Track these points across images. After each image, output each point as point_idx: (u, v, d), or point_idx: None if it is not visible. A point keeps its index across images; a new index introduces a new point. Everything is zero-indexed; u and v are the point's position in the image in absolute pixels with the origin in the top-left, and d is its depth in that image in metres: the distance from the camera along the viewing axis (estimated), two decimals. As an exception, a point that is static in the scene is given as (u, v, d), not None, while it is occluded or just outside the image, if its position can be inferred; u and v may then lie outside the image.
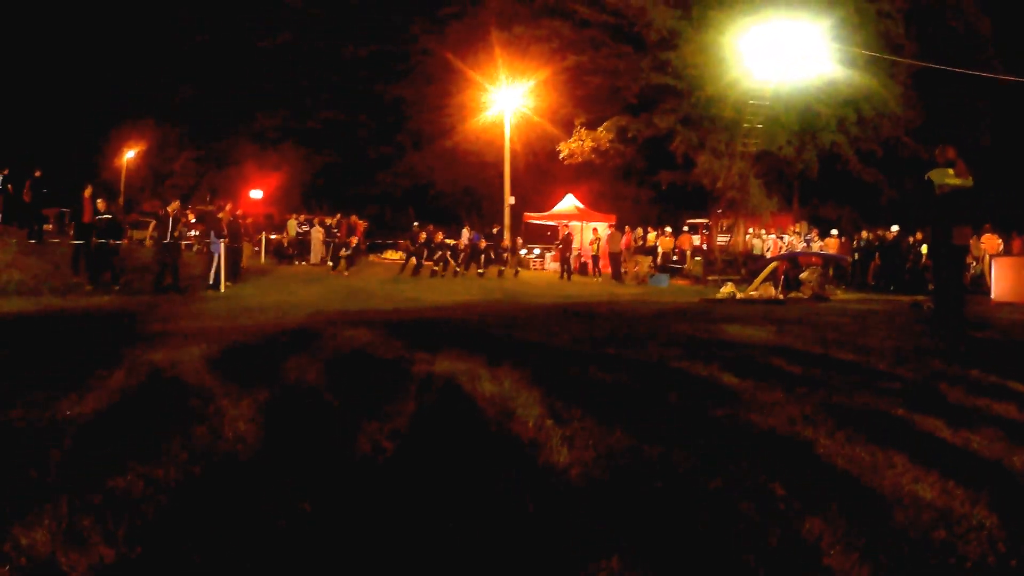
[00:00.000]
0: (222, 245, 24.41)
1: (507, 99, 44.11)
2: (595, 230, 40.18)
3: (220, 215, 26.73)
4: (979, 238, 29.60)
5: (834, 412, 6.44)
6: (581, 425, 5.94)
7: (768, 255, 35.63)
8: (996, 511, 4.38)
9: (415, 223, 37.15)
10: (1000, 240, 30.78)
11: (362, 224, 41.89)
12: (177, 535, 4.05)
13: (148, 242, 24.15)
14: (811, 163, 41.71)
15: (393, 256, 43.62)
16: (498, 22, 43.93)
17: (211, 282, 24.03)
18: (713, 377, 8.01)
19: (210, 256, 24.78)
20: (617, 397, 7.15)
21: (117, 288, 22.35)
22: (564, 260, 37.22)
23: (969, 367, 8.68)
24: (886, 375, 8.36)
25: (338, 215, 40.29)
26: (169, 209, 24.16)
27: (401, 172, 58.07)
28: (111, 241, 23.07)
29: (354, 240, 32.67)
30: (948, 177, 12.48)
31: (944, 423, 6.13)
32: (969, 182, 12.50)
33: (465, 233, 41.05)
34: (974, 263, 26.68)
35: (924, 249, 29.43)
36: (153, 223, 23.94)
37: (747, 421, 6.25)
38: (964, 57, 39.85)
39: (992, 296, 20.95)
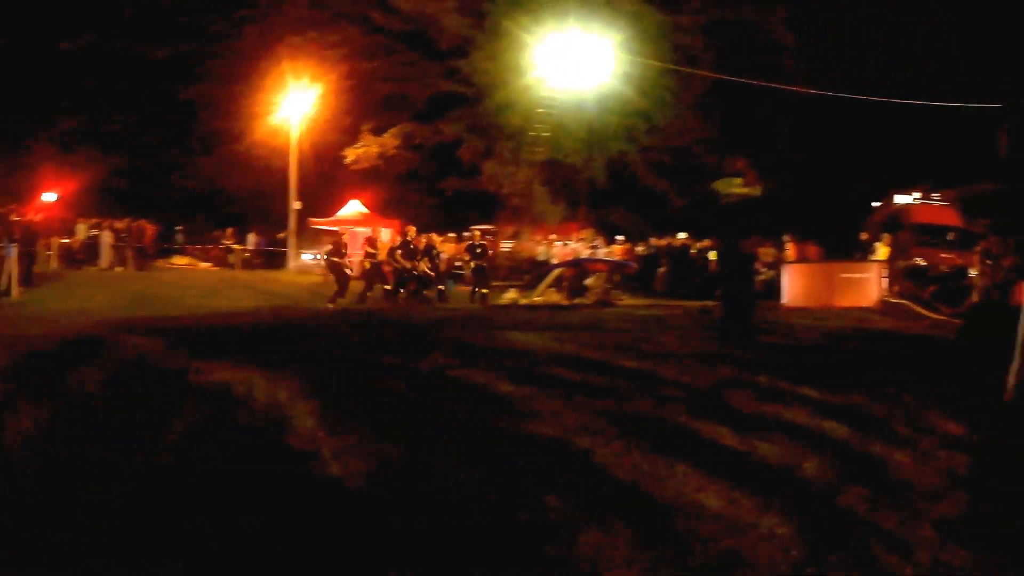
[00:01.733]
0: (15, 250, 23.11)
1: (297, 104, 43.79)
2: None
3: (13, 218, 25.34)
4: (781, 246, 30.65)
5: (615, 420, 6.27)
6: (357, 436, 5.70)
7: (552, 261, 35.92)
8: (788, 519, 4.26)
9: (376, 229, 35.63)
10: (796, 247, 31.89)
11: (151, 228, 40.82)
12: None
13: None
14: (598, 171, 42.54)
15: (181, 261, 43.19)
16: (293, 27, 43.73)
17: (3, 289, 22.63)
18: (492, 386, 7.78)
19: (0, 261, 23.34)
20: (395, 407, 6.93)
21: None
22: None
23: (757, 373, 8.68)
24: (670, 382, 8.28)
25: (127, 219, 39.11)
26: None
27: (192, 176, 56.85)
28: None
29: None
30: (735, 187, 12.66)
31: (730, 430, 6.02)
32: (757, 191, 12.70)
33: (252, 237, 40.59)
34: (765, 270, 27.47)
35: (712, 256, 30.20)
36: None
37: (525, 431, 6.02)
38: (766, 70, 41.37)
39: (783, 301, 21.60)
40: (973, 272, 21.49)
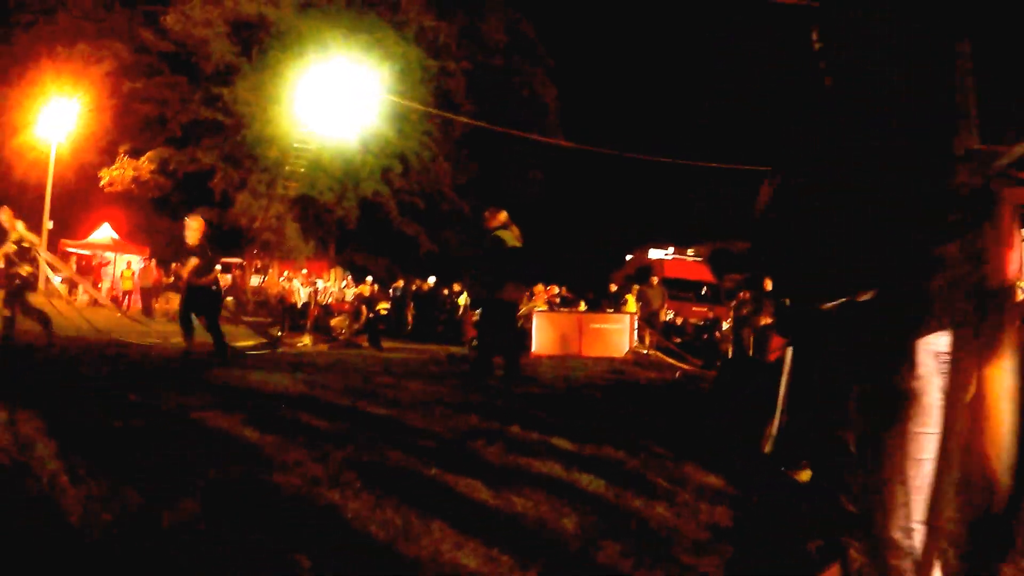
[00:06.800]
0: None
1: (59, 118, 42.35)
2: (129, 263, 38.88)
3: None
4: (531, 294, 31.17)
5: (363, 471, 6.03)
6: (99, 482, 5.24)
7: (303, 300, 35.54)
8: (551, 579, 4.06)
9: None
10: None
11: None
12: None
13: None
14: (351, 210, 42.61)
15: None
16: (63, 37, 42.46)
17: None
18: (234, 430, 7.47)
19: None
20: (137, 450, 6.46)
21: None
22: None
23: (508, 423, 8.60)
24: (419, 431, 8.13)
25: None
26: None
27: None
28: None
29: None
30: (511, 237, 12.78)
31: (484, 483, 5.86)
32: (519, 242, 12.86)
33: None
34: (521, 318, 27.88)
35: (462, 301, 30.52)
36: None
37: (270, 481, 5.70)
38: (526, 120, 42.47)
39: (533, 350, 21.70)
40: (725, 326, 22.16)
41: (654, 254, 34.02)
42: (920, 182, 2.76)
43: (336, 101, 35.74)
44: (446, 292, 34.15)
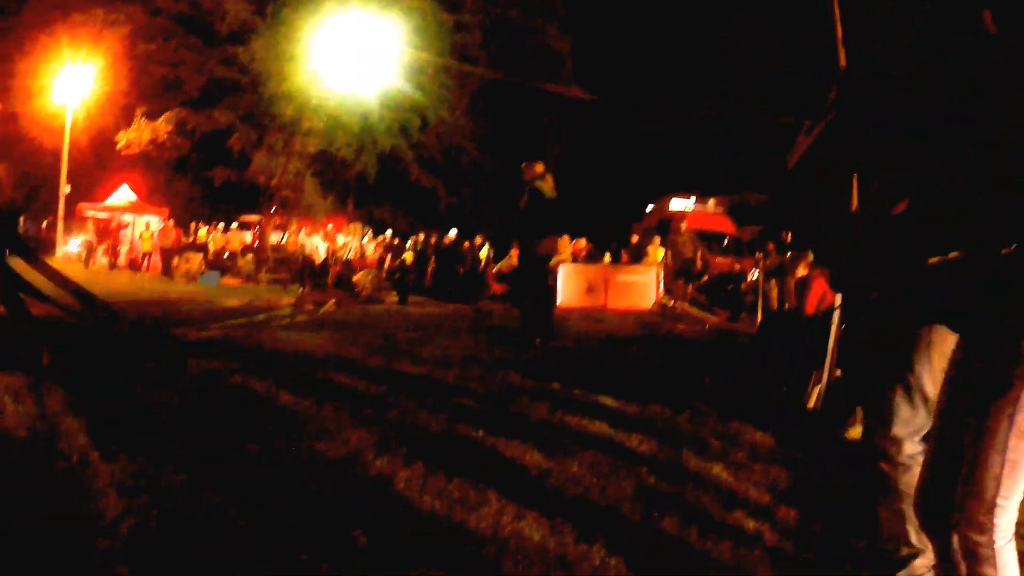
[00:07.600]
0: None
1: (75, 83, 42.96)
2: (148, 224, 38.84)
3: None
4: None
5: (408, 437, 5.82)
6: (130, 462, 4.85)
7: (322, 255, 35.45)
8: (617, 550, 3.88)
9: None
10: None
11: None
12: None
13: None
14: (369, 165, 42.60)
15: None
16: (79, 3, 42.44)
17: None
18: (269, 397, 7.22)
19: None
20: (172, 422, 6.16)
21: None
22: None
23: (548, 380, 8.47)
24: (458, 390, 7.99)
25: None
26: None
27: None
28: None
29: None
30: (548, 189, 12.62)
31: (534, 446, 5.67)
32: (555, 193, 12.72)
33: (20, 221, 39.24)
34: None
35: (483, 254, 30.43)
36: None
37: (312, 450, 5.47)
38: (541, 72, 42.34)
39: (559, 302, 21.38)
40: (751, 278, 21.90)
41: (675, 205, 33.73)
42: None
43: (352, 56, 35.57)
44: (467, 245, 34.07)
